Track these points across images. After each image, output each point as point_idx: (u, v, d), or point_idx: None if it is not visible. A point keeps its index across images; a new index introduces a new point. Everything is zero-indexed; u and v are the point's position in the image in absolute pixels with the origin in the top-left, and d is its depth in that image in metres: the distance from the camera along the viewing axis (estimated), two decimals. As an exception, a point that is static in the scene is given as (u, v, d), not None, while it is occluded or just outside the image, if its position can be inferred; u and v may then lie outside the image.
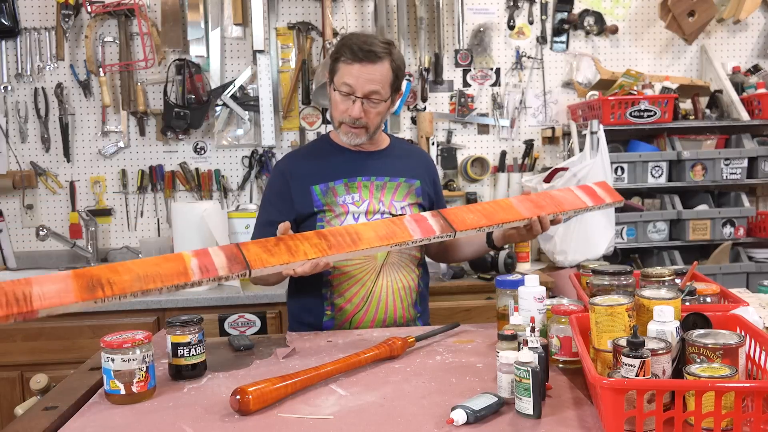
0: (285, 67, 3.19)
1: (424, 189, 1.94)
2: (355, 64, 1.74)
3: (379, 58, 1.74)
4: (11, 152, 3.10)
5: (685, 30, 3.13)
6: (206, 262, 1.40)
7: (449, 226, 1.63)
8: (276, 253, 1.49)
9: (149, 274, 1.34)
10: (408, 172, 1.93)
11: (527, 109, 3.31)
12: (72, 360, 2.35)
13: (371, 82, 1.74)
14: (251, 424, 1.20)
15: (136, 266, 1.36)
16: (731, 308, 1.33)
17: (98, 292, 1.27)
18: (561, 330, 1.39)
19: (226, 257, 1.43)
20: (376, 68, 1.74)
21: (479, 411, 1.15)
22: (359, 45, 1.74)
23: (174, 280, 1.35)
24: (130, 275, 1.32)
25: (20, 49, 3.10)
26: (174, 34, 3.08)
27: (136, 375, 1.31)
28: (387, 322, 1.85)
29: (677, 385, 1.08)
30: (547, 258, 2.98)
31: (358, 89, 1.75)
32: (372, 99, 1.76)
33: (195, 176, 3.18)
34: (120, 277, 1.32)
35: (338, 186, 1.84)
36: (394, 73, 1.79)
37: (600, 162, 2.78)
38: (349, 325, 1.83)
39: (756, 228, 3.08)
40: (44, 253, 3.14)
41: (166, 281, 1.34)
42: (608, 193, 1.87)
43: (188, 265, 1.38)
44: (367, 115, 1.78)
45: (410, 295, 1.89)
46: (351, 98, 1.76)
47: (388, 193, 1.87)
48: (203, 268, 1.39)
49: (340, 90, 1.77)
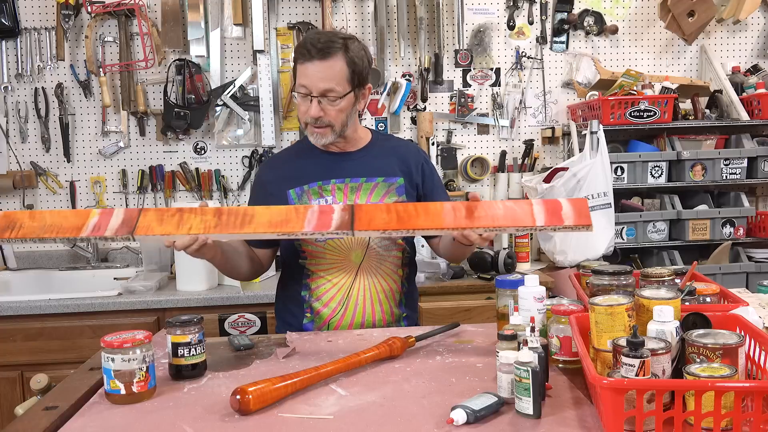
0: (285, 67, 3.19)
1: (407, 187, 1.86)
2: (307, 63, 1.72)
3: (329, 54, 1.71)
4: (11, 152, 3.11)
5: (684, 30, 3.13)
6: (102, 222, 1.51)
7: (350, 224, 1.51)
8: (165, 223, 1.53)
9: (54, 224, 1.50)
10: (388, 171, 1.86)
11: (527, 109, 3.32)
12: (72, 360, 2.35)
13: (323, 80, 1.71)
14: (251, 424, 1.20)
15: (50, 216, 1.52)
16: (731, 308, 1.33)
17: (7, 232, 1.48)
18: (561, 330, 1.39)
19: (122, 220, 1.52)
20: (327, 65, 1.71)
21: (479, 411, 1.15)
22: (312, 43, 1.72)
23: (68, 233, 1.49)
24: (40, 223, 1.49)
25: (20, 49, 3.10)
26: (174, 34, 3.08)
27: (136, 375, 1.31)
28: (366, 325, 1.83)
29: (677, 385, 1.08)
30: (547, 258, 2.98)
31: (312, 88, 1.72)
32: (328, 96, 1.73)
33: (195, 176, 3.18)
34: (32, 223, 1.50)
35: (312, 189, 1.82)
36: (350, 68, 1.74)
37: (600, 162, 2.78)
38: (327, 328, 1.82)
39: (756, 228, 3.08)
40: (44, 253, 3.14)
41: (61, 233, 1.49)
42: (577, 215, 1.51)
43: (87, 223, 1.51)
44: (327, 113, 1.74)
45: (392, 298, 1.86)
46: (308, 98, 1.74)
47: (364, 194, 1.83)
48: (96, 227, 1.50)
49: (299, 91, 1.75)
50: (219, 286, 2.72)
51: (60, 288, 2.86)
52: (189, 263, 2.63)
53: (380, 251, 1.83)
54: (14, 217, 1.50)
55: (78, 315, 2.53)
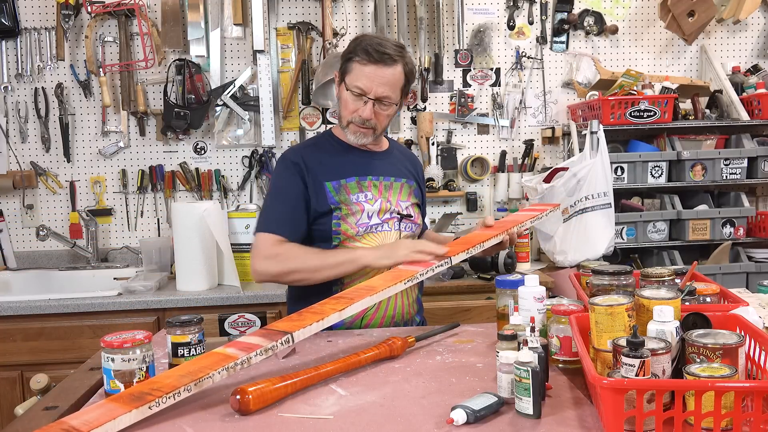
0: (285, 67, 3.19)
1: (417, 191, 1.99)
2: (369, 66, 1.74)
3: (394, 61, 1.75)
4: (11, 152, 3.11)
5: (684, 30, 3.13)
6: (244, 346, 1.35)
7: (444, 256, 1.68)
8: (305, 318, 1.45)
9: (191, 370, 1.28)
10: (407, 174, 1.96)
11: (527, 109, 3.32)
12: (72, 360, 2.35)
13: (384, 86, 1.75)
14: (251, 424, 1.20)
15: (172, 371, 1.31)
16: (731, 308, 1.33)
17: (147, 398, 1.19)
18: (561, 330, 1.39)
19: (260, 336, 1.38)
20: (389, 71, 1.75)
21: (479, 411, 1.15)
22: (374, 47, 1.74)
23: (219, 365, 1.28)
24: (171, 378, 1.27)
25: (20, 49, 3.10)
26: (174, 34, 3.08)
27: (136, 375, 1.31)
28: (395, 318, 1.86)
29: (677, 385, 1.08)
30: (547, 258, 2.98)
31: (370, 91, 1.75)
32: (383, 102, 1.77)
33: (195, 176, 3.18)
34: (161, 381, 1.25)
35: (350, 183, 1.84)
36: (406, 77, 1.80)
37: (600, 162, 2.78)
38: (360, 324, 1.83)
39: (756, 228, 3.08)
40: (44, 253, 3.14)
41: (213, 367, 1.27)
42: (547, 205, 2.05)
43: (226, 353, 1.33)
44: (377, 117, 1.79)
45: (414, 291, 1.92)
46: (363, 99, 1.76)
47: (395, 192, 1.89)
48: (243, 349, 1.33)
49: (352, 90, 1.77)
50: (219, 286, 2.72)
51: (60, 288, 2.86)
52: (189, 263, 2.64)
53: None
54: (130, 392, 1.24)
55: (78, 315, 2.53)
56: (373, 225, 1.83)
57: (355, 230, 1.80)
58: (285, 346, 1.36)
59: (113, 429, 1.13)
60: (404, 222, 1.89)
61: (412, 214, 1.91)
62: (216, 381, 1.27)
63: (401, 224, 1.88)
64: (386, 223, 1.85)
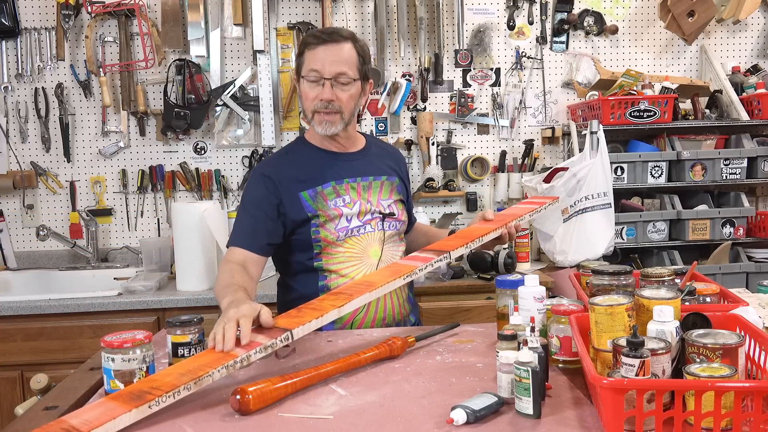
0: (285, 67, 3.19)
1: (401, 186, 1.97)
2: (319, 47, 1.76)
3: (342, 37, 1.77)
4: (11, 152, 3.11)
5: (684, 30, 3.13)
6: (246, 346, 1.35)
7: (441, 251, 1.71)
8: (305, 315, 1.46)
9: (190, 368, 1.28)
10: (387, 171, 1.94)
11: (527, 109, 3.32)
12: (72, 360, 2.36)
13: (338, 63, 1.75)
14: (251, 424, 1.20)
15: (172, 368, 1.31)
16: (731, 308, 1.33)
17: (146, 396, 1.19)
18: (561, 330, 1.39)
19: (260, 334, 1.39)
20: (340, 47, 1.76)
21: (479, 411, 1.15)
22: (321, 30, 1.81)
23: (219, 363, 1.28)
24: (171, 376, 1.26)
25: (20, 49, 3.10)
26: (174, 35, 3.08)
27: (137, 375, 1.31)
28: (387, 320, 1.85)
29: (677, 385, 1.08)
30: (547, 258, 2.98)
31: (325, 71, 1.75)
32: (340, 80, 1.76)
33: (195, 176, 3.18)
34: (161, 380, 1.25)
35: (327, 190, 1.82)
36: (360, 56, 1.79)
37: (600, 162, 2.78)
38: (351, 326, 1.83)
39: (755, 228, 3.08)
40: (44, 253, 3.14)
41: (213, 366, 1.27)
42: (546, 198, 2.08)
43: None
44: (338, 98, 1.76)
45: (404, 290, 1.91)
46: (320, 82, 1.76)
47: (375, 192, 1.88)
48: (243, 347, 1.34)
49: (308, 78, 1.77)
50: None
51: (60, 288, 2.86)
52: (189, 263, 2.64)
53: (392, 246, 1.89)
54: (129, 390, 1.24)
55: (78, 315, 2.53)
56: (354, 228, 1.82)
57: (335, 235, 1.79)
58: (284, 343, 1.37)
59: (113, 429, 1.14)
60: (387, 221, 1.87)
61: (395, 212, 1.89)
62: (216, 379, 1.27)
63: (384, 223, 1.87)
64: (368, 225, 1.84)
